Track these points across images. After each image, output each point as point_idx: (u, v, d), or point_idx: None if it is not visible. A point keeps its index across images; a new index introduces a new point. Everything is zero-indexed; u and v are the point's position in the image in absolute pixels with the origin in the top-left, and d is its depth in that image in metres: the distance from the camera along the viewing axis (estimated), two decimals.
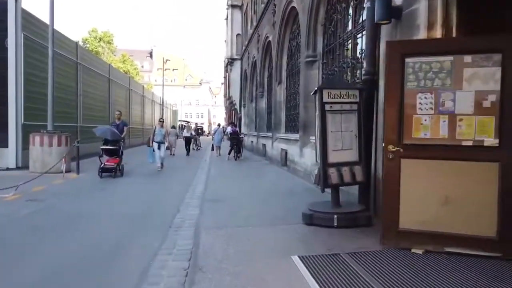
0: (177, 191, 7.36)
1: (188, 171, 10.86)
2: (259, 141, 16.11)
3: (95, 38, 46.80)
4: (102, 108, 17.87)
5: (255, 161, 14.09)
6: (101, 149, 8.90)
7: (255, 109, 19.57)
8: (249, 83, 20.08)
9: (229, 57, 23.43)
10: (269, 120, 15.04)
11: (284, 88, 12.20)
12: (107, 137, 8.68)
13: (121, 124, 9.50)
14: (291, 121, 11.45)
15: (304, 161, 8.47)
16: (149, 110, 30.74)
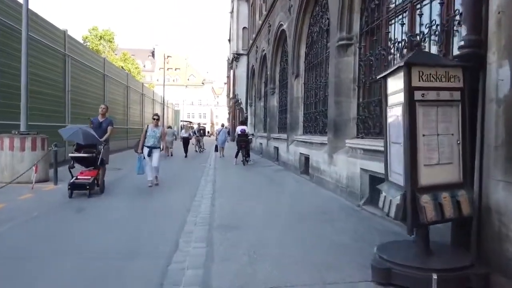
0: (176, 211, 5.66)
1: (189, 180, 9.15)
2: (269, 143, 14.40)
3: (96, 36, 45.76)
4: (96, 106, 16.18)
5: (267, 167, 12.38)
6: (70, 158, 6.64)
7: (264, 108, 17.87)
8: (257, 79, 18.39)
9: (235, 52, 21.74)
10: (282, 119, 13.33)
11: (302, 82, 10.48)
12: (79, 141, 6.36)
13: (104, 123, 7.29)
14: (310, 120, 9.73)
15: (336, 171, 6.75)
16: (150, 110, 29.07)
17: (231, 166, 12.67)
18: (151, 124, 7.96)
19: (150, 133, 7.70)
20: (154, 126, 7.89)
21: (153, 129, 7.81)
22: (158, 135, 7.77)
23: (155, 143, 7.72)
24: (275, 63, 14.22)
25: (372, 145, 5.50)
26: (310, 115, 9.85)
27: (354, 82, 6.71)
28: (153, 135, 7.69)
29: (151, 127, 7.86)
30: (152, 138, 7.67)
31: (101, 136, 6.88)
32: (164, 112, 37.01)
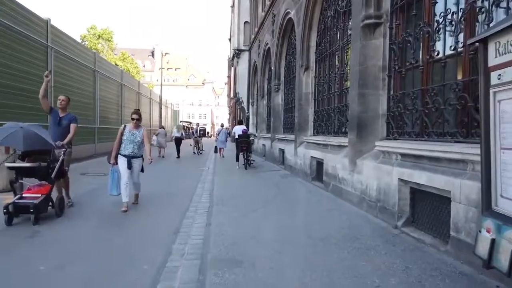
0: (159, 237, 4.34)
1: (182, 190, 7.86)
2: (274, 145, 13.12)
3: (94, 35, 44.86)
4: (86, 105, 14.95)
5: (271, 171, 11.10)
6: (8, 168, 4.89)
7: (267, 106, 16.60)
8: (260, 76, 17.12)
9: (236, 48, 20.47)
10: (289, 119, 12.06)
11: (312, 76, 9.21)
12: (17, 146, 4.59)
13: (65, 120, 5.68)
14: (323, 119, 8.46)
15: (361, 180, 5.46)
16: (147, 109, 27.85)
17: (232, 170, 11.40)
18: (130, 125, 5.65)
19: (127, 136, 5.55)
20: (133, 127, 5.63)
21: (131, 131, 5.59)
22: (139, 139, 5.59)
23: (135, 151, 5.59)
24: (280, 57, 12.94)
25: (416, 149, 4.23)
26: (322, 113, 8.57)
27: (383, 70, 5.43)
28: (131, 139, 5.54)
29: (129, 128, 5.61)
30: (130, 143, 5.54)
31: (60, 137, 5.47)
32: (163, 112, 35.79)
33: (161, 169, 11.97)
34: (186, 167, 12.86)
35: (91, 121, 15.49)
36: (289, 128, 11.91)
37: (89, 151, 15.22)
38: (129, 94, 22.24)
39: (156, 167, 12.58)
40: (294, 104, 11.26)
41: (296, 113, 9.75)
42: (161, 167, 12.68)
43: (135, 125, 5.67)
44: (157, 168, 12.37)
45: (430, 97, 4.33)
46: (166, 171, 11.55)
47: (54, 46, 11.75)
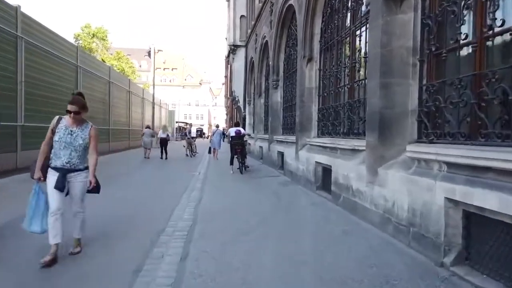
0: (111, 285, 3.10)
1: (163, 200, 6.60)
2: (272, 147, 11.89)
3: (88, 34, 43.71)
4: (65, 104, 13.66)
5: (270, 177, 9.85)
6: None
7: (264, 105, 15.37)
8: (257, 73, 15.89)
9: (231, 44, 19.24)
10: (288, 118, 10.83)
11: (316, 68, 7.99)
12: None
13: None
14: (329, 118, 7.25)
15: (385, 195, 4.23)
16: (139, 109, 26.60)
17: (226, 175, 10.17)
18: (66, 118, 3.55)
19: (61, 136, 3.47)
20: (72, 123, 3.53)
21: (69, 127, 3.52)
22: (82, 142, 3.53)
23: (73, 161, 3.51)
24: (279, 50, 11.72)
25: (475, 158, 3.00)
26: (328, 111, 7.35)
27: (413, 53, 4.21)
28: (68, 141, 3.46)
29: (65, 123, 3.53)
30: (66, 148, 3.46)
31: None
32: (157, 112, 34.53)
33: (146, 174, 10.73)
34: (175, 171, 11.61)
35: None
36: (289, 128, 10.69)
37: None
38: (118, 92, 20.97)
39: (141, 172, 11.37)
40: (294, 102, 10.04)
41: (297, 111, 8.52)
42: (147, 171, 11.45)
43: (75, 120, 3.51)
44: (142, 172, 11.15)
45: (489, 85, 3.11)
46: (152, 176, 10.30)
47: (25, 37, 10.47)
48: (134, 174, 10.72)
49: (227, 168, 11.67)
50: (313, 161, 7.18)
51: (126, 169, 11.85)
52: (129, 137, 23.28)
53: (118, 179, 9.31)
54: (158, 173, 11.19)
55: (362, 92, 5.76)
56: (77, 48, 14.55)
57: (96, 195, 3.97)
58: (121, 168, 12.11)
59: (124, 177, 9.76)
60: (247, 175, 10.38)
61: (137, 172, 11.27)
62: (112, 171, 11.13)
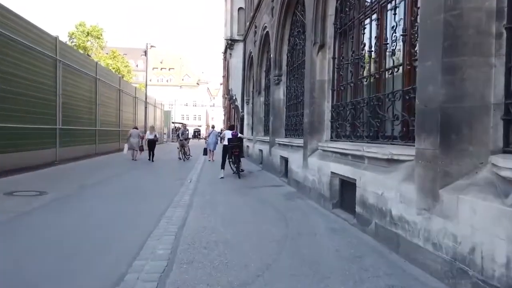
0: None
1: (133, 227, 5.12)
2: (274, 151, 10.43)
3: (83, 32, 42.44)
4: (44, 102, 12.18)
5: (271, 187, 8.39)
6: None
7: (264, 104, 13.92)
8: (256, 68, 14.44)
9: (229, 38, 17.80)
10: (293, 118, 9.37)
11: (329, 56, 6.55)
12: None
13: None
14: (345, 117, 5.83)
15: (456, 234, 2.77)
16: (130, 109, 25.10)
17: (220, 184, 8.72)
18: None
19: None
20: None
21: None
22: None
23: None
24: (282, 41, 10.28)
25: None
26: (345, 108, 5.92)
27: (498, 18, 2.78)
28: None
29: None
30: None
31: None
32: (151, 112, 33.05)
33: (127, 182, 9.23)
34: (163, 178, 10.14)
35: (50, 121, 12.71)
36: (294, 130, 9.24)
37: (48, 158, 12.46)
38: (107, 91, 19.47)
39: (123, 179, 9.85)
40: (301, 99, 8.61)
41: (306, 109, 7.06)
42: (129, 178, 9.96)
43: None
44: (123, 180, 9.62)
45: None
46: (134, 184, 8.82)
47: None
48: (114, 182, 9.25)
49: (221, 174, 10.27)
50: (327, 171, 5.73)
51: (107, 175, 10.38)
52: (120, 139, 21.79)
53: (92, 189, 7.86)
54: (143, 180, 9.71)
55: (398, 83, 4.34)
56: (56, 40, 13.04)
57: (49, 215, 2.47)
58: (102, 173, 10.64)
59: (99, 187, 8.29)
60: (245, 183, 8.93)
61: (118, 179, 9.79)
62: (89, 177, 9.68)
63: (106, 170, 11.85)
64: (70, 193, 7.32)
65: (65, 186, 8.20)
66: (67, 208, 6.05)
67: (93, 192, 7.55)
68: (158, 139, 16.83)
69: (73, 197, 6.97)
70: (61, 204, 6.27)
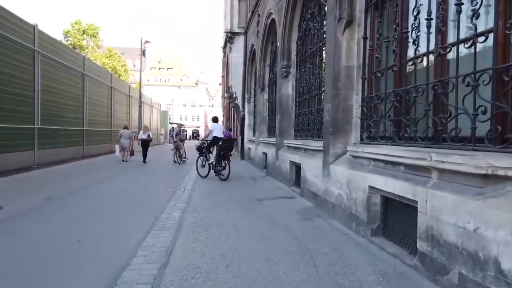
0: None
1: (99, 259, 3.65)
2: (281, 156, 8.97)
3: (78, 30, 41.03)
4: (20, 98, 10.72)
5: (282, 199, 6.91)
6: None
7: (268, 101, 12.46)
8: (259, 62, 12.99)
9: (229, 31, 16.35)
10: (304, 116, 7.90)
11: (359, 36, 5.09)
12: None
13: None
14: (381, 113, 4.40)
15: None
16: (123, 108, 23.64)
17: (219, 194, 7.22)
18: None
19: None
20: None
21: None
22: None
23: None
24: (291, 27, 8.83)
25: None
26: (383, 101, 4.47)
27: None
28: None
29: None
30: None
31: None
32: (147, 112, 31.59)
33: (109, 191, 7.71)
34: (153, 186, 8.66)
35: (26, 120, 11.24)
36: (307, 130, 7.79)
37: (24, 161, 11.00)
38: (97, 88, 18.02)
39: (105, 187, 8.24)
40: (316, 93, 7.17)
41: (327, 104, 5.59)
42: (113, 186, 8.46)
43: None
44: (105, 188, 8.07)
45: None
46: (116, 195, 7.31)
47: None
48: (90, 192, 7.76)
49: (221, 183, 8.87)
50: (362, 185, 4.26)
51: (87, 182, 8.91)
52: (112, 140, 20.33)
53: (59, 202, 6.39)
54: (127, 189, 8.22)
55: (482, 60, 2.89)
56: (35, 28, 11.57)
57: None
58: (81, 180, 9.16)
59: (69, 199, 6.82)
60: (248, 193, 7.46)
61: (97, 188, 8.31)
62: (63, 186, 8.23)
63: (88, 175, 10.37)
64: (29, 208, 5.86)
65: (29, 198, 6.73)
66: (16, 230, 4.60)
67: (59, 207, 6.07)
68: (152, 139, 15.64)
69: (30, 214, 5.49)
70: (9, 225, 4.81)
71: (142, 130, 16.30)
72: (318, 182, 5.89)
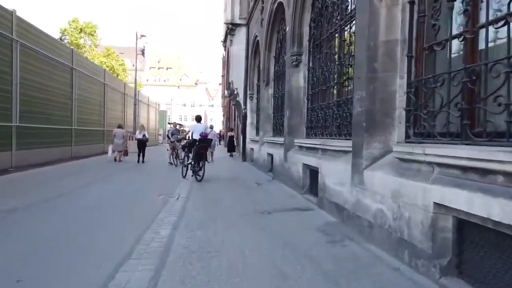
0: None
1: None
2: (291, 157, 7.71)
3: (76, 29, 39.77)
4: None
5: (296, 211, 5.62)
6: None
7: (274, 97, 11.21)
8: (264, 53, 11.73)
9: (230, 22, 15.12)
10: (319, 111, 6.62)
11: (403, 0, 3.85)
12: None
13: None
14: (440, 99, 3.17)
15: None
16: (118, 107, 22.42)
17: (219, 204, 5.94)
18: None
19: None
20: None
21: None
22: None
23: None
24: (303, 6, 7.58)
25: None
26: (442, 85, 3.23)
27: None
28: None
29: None
30: None
31: None
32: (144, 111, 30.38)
33: (85, 198, 6.37)
34: (142, 193, 7.40)
35: (2, 117, 10.00)
36: (323, 127, 6.53)
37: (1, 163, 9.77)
38: (88, 84, 16.78)
39: (79, 194, 6.84)
40: (337, 82, 5.93)
41: (359, 92, 4.32)
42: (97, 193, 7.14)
43: None
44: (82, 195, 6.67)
45: None
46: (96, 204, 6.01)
47: None
48: (67, 200, 6.50)
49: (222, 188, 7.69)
50: (422, 201, 3.01)
51: (68, 187, 7.66)
52: (105, 139, 19.10)
53: (23, 215, 5.10)
54: (111, 196, 6.96)
55: None
56: (13, 14, 10.32)
57: None
58: (60, 186, 7.91)
59: (37, 211, 5.56)
60: (254, 202, 6.20)
61: (75, 195, 7.05)
62: (37, 193, 7.00)
63: (71, 179, 9.13)
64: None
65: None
66: None
67: (18, 224, 4.81)
68: (148, 139, 14.60)
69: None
70: None
71: (138, 130, 15.19)
72: (345, 191, 4.63)
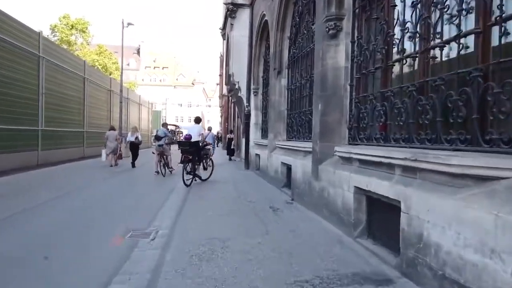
0: None
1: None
2: (326, 173, 5.12)
3: (67, 25, 37.35)
4: None
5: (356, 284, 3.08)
6: None
7: (288, 88, 8.64)
8: (276, 35, 9.10)
9: (230, 1, 12.58)
10: (389, 102, 4.06)
11: None
12: None
13: None
14: None
15: None
16: (102, 105, 19.79)
17: (218, 247, 3.33)
18: None
19: None
20: None
21: None
22: None
23: None
24: None
25: None
26: None
27: None
28: None
29: None
30: None
31: None
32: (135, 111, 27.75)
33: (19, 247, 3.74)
34: (94, 229, 4.74)
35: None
36: (402, 126, 3.97)
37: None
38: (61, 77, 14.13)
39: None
40: (412, 52, 3.34)
41: None
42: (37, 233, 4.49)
43: None
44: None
45: None
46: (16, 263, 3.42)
47: None
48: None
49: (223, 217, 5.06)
50: None
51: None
52: (84, 142, 16.47)
53: None
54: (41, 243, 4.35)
55: None
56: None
57: None
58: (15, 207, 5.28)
59: None
60: (275, 253, 3.61)
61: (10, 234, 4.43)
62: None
63: (28, 198, 6.51)
64: None
65: None
66: None
67: None
68: (142, 142, 13.17)
69: None
70: None
71: (130, 132, 13.35)
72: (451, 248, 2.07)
